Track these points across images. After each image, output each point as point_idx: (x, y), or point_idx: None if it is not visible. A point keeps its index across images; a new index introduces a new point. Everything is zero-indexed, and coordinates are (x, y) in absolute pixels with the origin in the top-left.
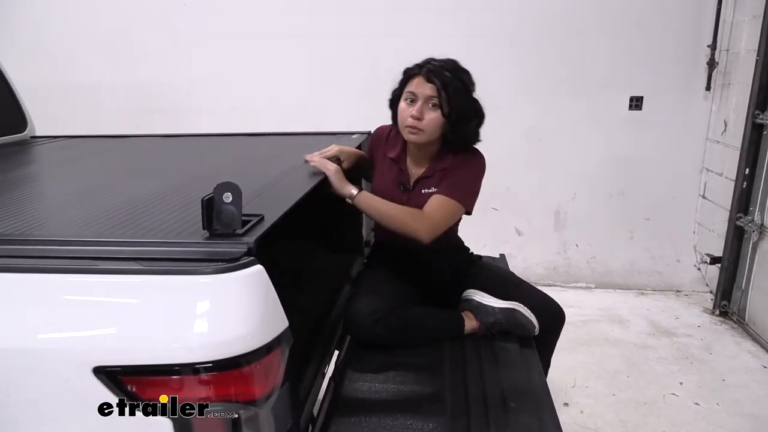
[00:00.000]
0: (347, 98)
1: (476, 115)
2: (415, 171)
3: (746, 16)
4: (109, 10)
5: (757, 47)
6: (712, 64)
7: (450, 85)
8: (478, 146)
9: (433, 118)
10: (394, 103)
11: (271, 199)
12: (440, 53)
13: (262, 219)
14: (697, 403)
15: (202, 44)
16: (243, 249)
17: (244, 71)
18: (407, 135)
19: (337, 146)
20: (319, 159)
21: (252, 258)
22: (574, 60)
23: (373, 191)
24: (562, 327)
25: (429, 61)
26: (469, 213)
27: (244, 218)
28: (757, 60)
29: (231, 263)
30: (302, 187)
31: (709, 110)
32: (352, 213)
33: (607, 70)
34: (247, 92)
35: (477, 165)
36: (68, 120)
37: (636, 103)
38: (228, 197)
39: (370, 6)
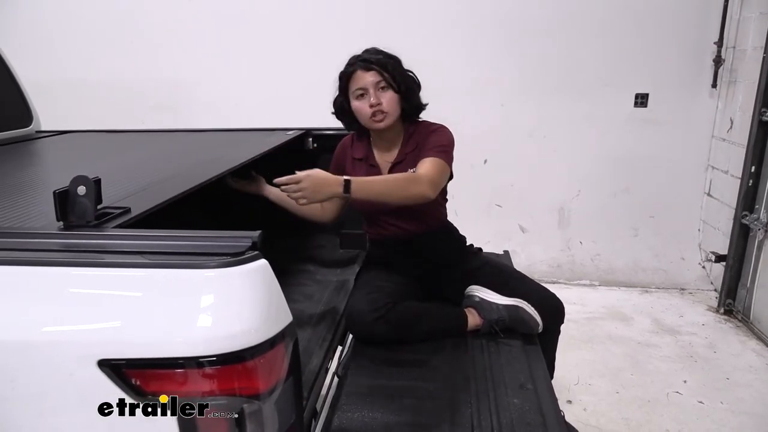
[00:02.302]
0: None
1: (416, 82)
2: (387, 161)
3: (753, 13)
4: (114, 5)
5: (764, 44)
6: (718, 61)
7: (387, 63)
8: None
9: (389, 97)
10: (342, 111)
11: (156, 193)
12: (443, 52)
13: (127, 211)
14: (701, 402)
15: (206, 40)
16: (247, 243)
17: (248, 67)
18: (375, 125)
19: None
20: (285, 179)
21: (256, 252)
22: (580, 56)
23: None
24: (562, 322)
25: (357, 57)
26: (451, 177)
27: (106, 210)
28: (764, 57)
29: (235, 257)
30: (192, 183)
31: (715, 107)
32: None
33: (613, 66)
34: (251, 88)
35: (445, 131)
36: (73, 115)
37: (641, 100)
38: (82, 190)
39: (373, 5)
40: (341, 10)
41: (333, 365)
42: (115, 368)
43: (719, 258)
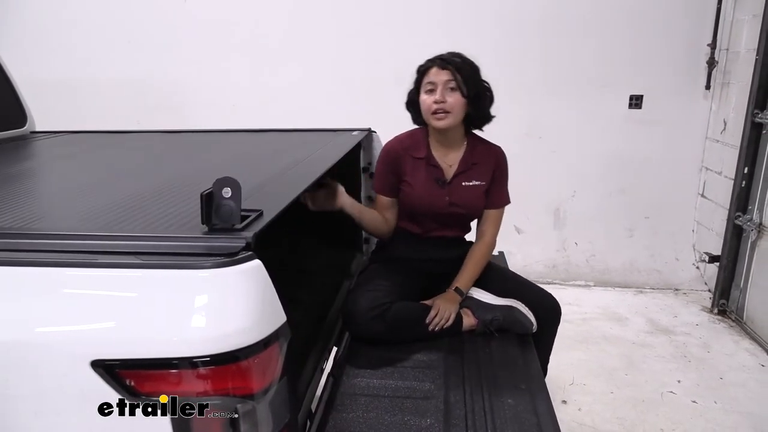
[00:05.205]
0: (349, 96)
1: (489, 93)
2: (447, 163)
3: (746, 15)
4: (111, 5)
5: (756, 46)
6: (711, 63)
7: (462, 68)
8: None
9: (455, 99)
10: (412, 103)
11: (271, 195)
12: (439, 53)
13: (261, 214)
14: (694, 401)
15: (203, 40)
16: (242, 243)
17: (246, 67)
18: (435, 122)
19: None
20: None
21: (250, 253)
22: (575, 58)
23: (411, 194)
24: (559, 322)
25: (438, 56)
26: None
27: (243, 213)
28: (756, 59)
29: (229, 258)
30: (302, 183)
31: (708, 109)
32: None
33: (607, 68)
34: (248, 89)
35: (507, 163)
36: (68, 116)
37: (636, 101)
38: (227, 192)
39: (372, 6)
40: (340, 10)
41: (328, 365)
42: (108, 369)
43: (713, 258)
